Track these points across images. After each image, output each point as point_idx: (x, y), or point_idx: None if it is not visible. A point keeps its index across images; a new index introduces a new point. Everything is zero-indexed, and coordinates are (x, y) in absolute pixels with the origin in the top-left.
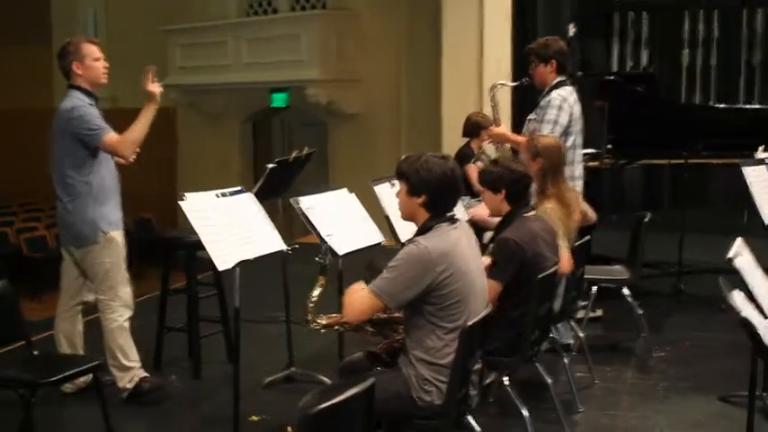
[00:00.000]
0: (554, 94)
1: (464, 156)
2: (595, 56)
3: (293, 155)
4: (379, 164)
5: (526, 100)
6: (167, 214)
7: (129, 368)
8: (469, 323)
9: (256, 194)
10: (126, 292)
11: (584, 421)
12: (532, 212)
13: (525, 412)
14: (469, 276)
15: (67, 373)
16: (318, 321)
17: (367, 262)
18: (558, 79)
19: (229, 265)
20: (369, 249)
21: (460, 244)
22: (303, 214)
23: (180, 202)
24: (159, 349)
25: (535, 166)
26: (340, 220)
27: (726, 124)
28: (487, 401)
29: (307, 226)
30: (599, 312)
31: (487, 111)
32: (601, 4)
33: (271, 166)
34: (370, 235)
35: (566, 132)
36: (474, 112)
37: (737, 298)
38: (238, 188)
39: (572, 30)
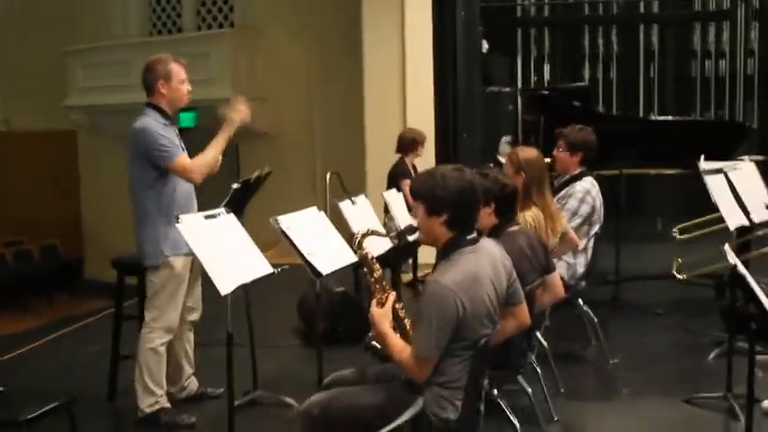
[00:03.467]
0: (578, 186)
1: (398, 171)
2: (501, 71)
3: (255, 174)
4: (293, 182)
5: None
6: (70, 239)
7: (153, 392)
8: (480, 345)
9: None
10: (172, 317)
11: (564, 429)
12: (518, 226)
13: (517, 423)
14: (485, 301)
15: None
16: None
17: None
18: (581, 170)
19: (231, 289)
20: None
21: (481, 271)
22: (284, 233)
23: (177, 225)
24: (114, 377)
25: (518, 179)
26: (316, 238)
27: (660, 135)
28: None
29: (287, 244)
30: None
31: (413, 124)
32: (504, 21)
33: (235, 186)
34: (345, 253)
35: (588, 223)
36: (407, 128)
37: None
38: (221, 209)
39: (485, 46)
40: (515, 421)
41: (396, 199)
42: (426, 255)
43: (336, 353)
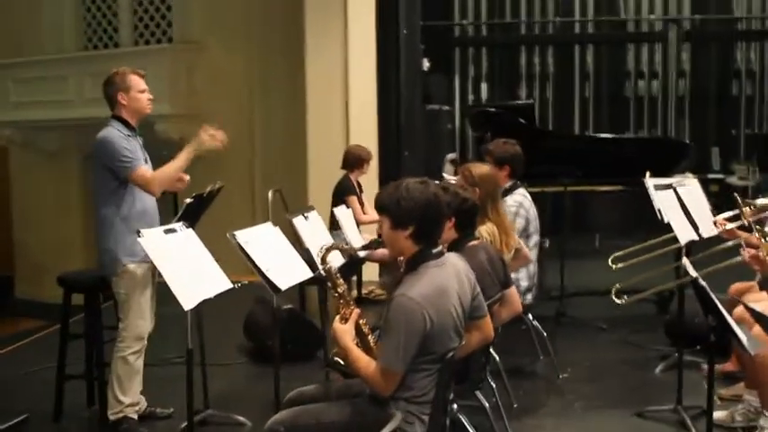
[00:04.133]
0: (510, 200)
1: (344, 188)
2: (439, 90)
3: (208, 189)
4: (233, 199)
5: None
6: (1, 258)
7: (120, 402)
8: (447, 358)
9: None
10: (139, 324)
11: None
12: (477, 240)
13: None
14: (452, 314)
15: None
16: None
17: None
18: (511, 183)
19: (193, 304)
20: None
21: (448, 284)
22: (241, 248)
23: (139, 239)
24: (60, 398)
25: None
26: (272, 253)
27: (604, 152)
28: None
29: (245, 260)
30: None
31: (357, 141)
32: (442, 41)
33: (188, 200)
34: (301, 269)
35: (525, 235)
36: (353, 145)
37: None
38: (180, 224)
39: (426, 64)
40: None
41: (346, 215)
42: (371, 272)
43: (286, 370)
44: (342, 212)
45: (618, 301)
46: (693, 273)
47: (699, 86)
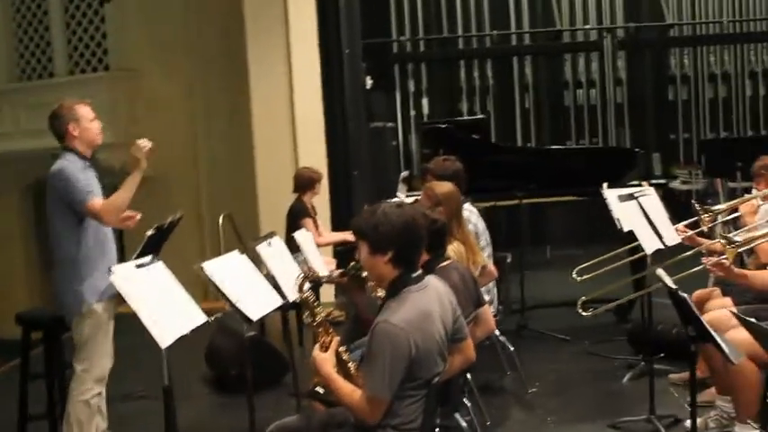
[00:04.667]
0: None
1: (298, 211)
2: (379, 107)
3: (168, 220)
4: (181, 227)
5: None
6: None
7: None
8: (433, 383)
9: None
10: (103, 365)
11: None
12: (448, 261)
13: None
14: (436, 338)
15: None
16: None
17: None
18: None
19: (170, 342)
20: None
21: (431, 308)
22: (210, 280)
23: (111, 277)
24: None
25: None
26: (241, 282)
27: (557, 164)
28: None
29: (215, 291)
30: None
31: (306, 163)
32: (381, 57)
33: (150, 232)
34: (270, 297)
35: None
36: (303, 167)
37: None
38: (149, 258)
39: (369, 82)
40: None
41: (306, 239)
42: (327, 294)
43: (254, 398)
44: (302, 236)
45: (584, 313)
46: (672, 284)
47: (636, 94)
